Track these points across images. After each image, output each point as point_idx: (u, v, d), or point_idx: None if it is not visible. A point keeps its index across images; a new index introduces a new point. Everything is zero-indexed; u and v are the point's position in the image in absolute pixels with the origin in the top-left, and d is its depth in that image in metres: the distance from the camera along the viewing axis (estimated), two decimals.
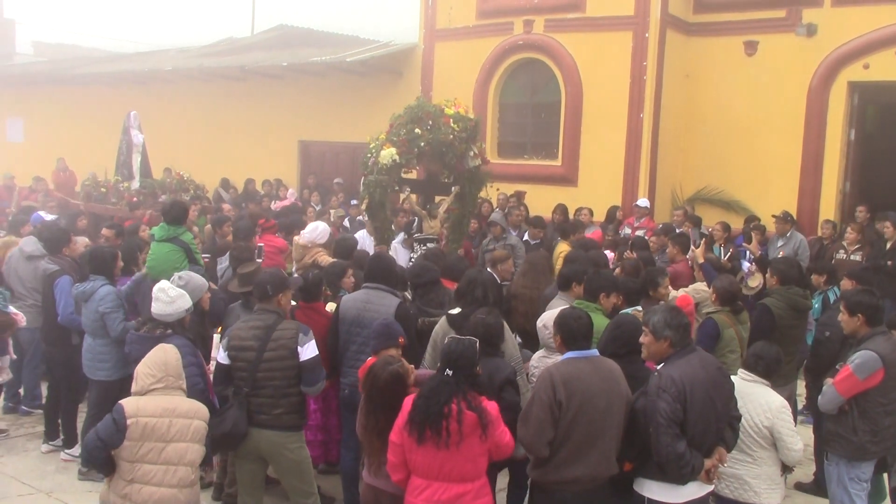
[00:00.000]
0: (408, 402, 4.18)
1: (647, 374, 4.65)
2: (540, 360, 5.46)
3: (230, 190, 16.28)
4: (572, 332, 4.45)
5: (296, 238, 8.51)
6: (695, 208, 13.15)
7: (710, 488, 4.52)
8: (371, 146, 9.59)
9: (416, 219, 10.52)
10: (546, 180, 14.10)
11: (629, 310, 6.24)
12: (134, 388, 4.37)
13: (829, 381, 5.56)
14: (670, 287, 7.29)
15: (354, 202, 14.36)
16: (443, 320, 5.71)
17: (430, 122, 9.57)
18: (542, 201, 13.25)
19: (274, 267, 6.05)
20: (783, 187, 12.91)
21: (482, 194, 11.11)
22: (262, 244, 8.62)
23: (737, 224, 11.96)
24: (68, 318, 7.08)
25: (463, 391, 4.08)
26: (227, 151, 18.43)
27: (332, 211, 12.90)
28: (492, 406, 4.15)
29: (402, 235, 10.44)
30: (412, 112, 9.68)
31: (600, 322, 5.24)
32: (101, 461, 4.27)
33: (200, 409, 4.44)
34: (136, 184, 12.94)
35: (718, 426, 4.41)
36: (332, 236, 8.98)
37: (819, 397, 5.59)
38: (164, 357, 4.40)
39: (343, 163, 17.58)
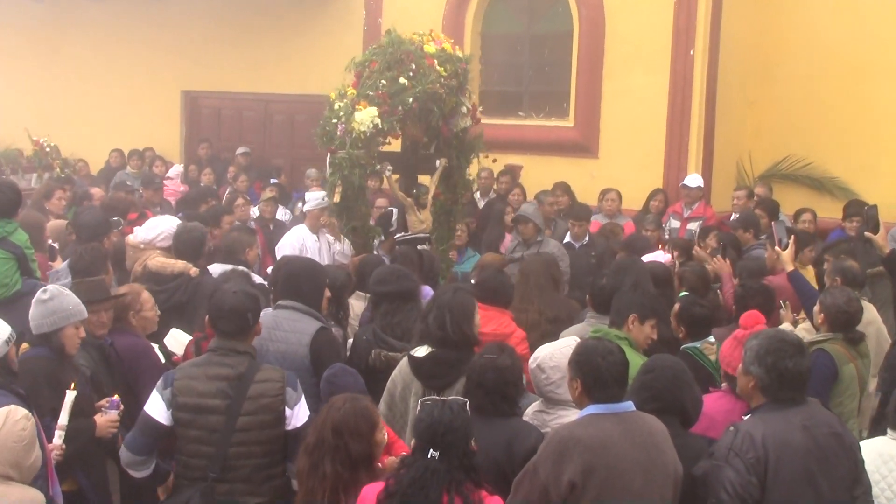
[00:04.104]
0: (367, 495, 4.16)
1: (694, 446, 4.80)
2: (535, 418, 5.47)
3: (78, 163, 16.15)
4: (600, 376, 4.48)
5: (128, 237, 8.63)
6: (772, 189, 13.26)
7: None
8: (337, 106, 9.52)
9: (394, 211, 10.49)
10: (551, 149, 14.13)
11: (697, 343, 6.42)
12: None
13: None
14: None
15: (275, 181, 14.25)
16: (403, 363, 5.75)
17: (414, 67, 9.64)
18: (545, 180, 13.20)
19: (247, 285, 6.05)
20: None
21: (472, 170, 11.04)
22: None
23: (832, 212, 12.03)
24: None
25: (457, 481, 4.04)
26: (74, 107, 18.20)
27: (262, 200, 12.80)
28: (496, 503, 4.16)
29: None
30: (385, 52, 9.69)
31: (632, 361, 5.26)
32: None
33: (36, 497, 4.44)
34: None
35: None
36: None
37: None
38: None
39: (250, 125, 17.51)
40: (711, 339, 6.55)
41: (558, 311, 7.77)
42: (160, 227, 8.41)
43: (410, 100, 9.49)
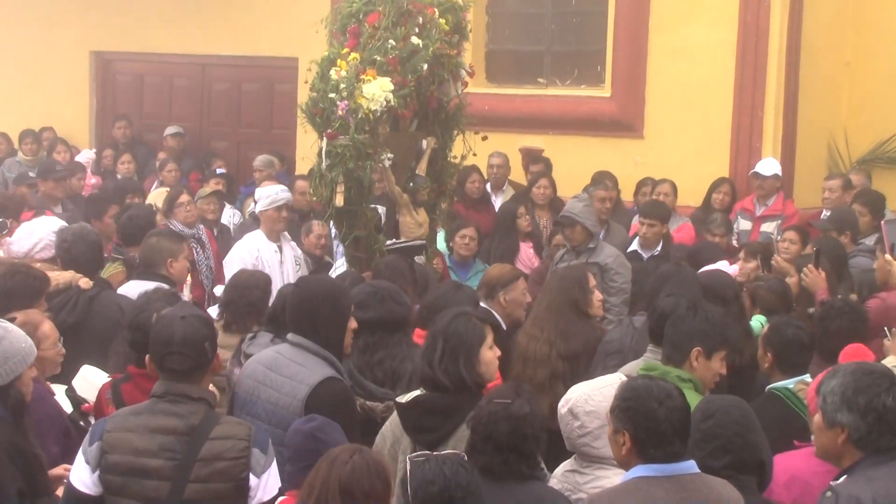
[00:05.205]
0: None
1: None
2: (565, 480, 5.52)
3: None
4: (657, 427, 4.48)
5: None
6: (871, 177, 13.25)
7: None
8: (335, 77, 9.40)
9: (381, 210, 10.59)
10: (582, 127, 14.21)
11: (789, 382, 6.43)
12: None
13: None
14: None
15: (221, 171, 14.23)
16: (394, 415, 5.76)
17: (420, 21, 9.69)
18: (574, 167, 13.34)
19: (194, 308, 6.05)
20: None
21: (458, 150, 11.04)
22: None
23: None
24: None
25: None
26: None
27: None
28: None
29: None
30: (386, 1, 9.69)
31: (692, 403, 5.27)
32: None
33: None
34: None
35: None
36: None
37: None
38: None
39: (183, 96, 17.63)
40: (808, 377, 6.42)
41: (576, 345, 7.82)
42: (36, 234, 8.45)
43: (424, 65, 9.54)
